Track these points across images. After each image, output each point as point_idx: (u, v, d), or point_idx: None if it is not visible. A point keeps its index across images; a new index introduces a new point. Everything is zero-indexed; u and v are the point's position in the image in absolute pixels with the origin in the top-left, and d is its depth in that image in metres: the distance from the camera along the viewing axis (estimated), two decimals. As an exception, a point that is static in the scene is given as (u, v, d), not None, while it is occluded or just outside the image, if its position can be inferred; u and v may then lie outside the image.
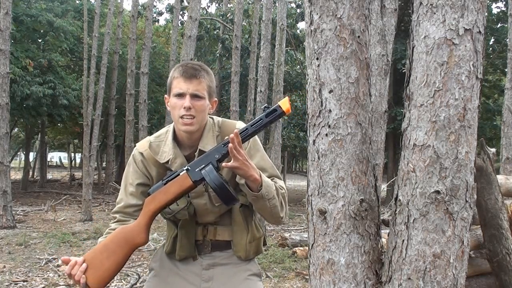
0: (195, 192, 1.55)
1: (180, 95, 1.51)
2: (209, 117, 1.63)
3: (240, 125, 1.62)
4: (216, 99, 1.63)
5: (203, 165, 1.43)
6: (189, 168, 1.45)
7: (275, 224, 1.63)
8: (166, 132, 1.64)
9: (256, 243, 1.65)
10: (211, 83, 1.57)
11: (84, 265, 1.41)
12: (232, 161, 1.38)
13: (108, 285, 1.48)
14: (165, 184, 1.47)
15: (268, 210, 1.49)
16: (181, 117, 1.50)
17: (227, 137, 1.40)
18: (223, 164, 1.41)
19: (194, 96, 1.50)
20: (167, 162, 1.57)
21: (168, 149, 1.58)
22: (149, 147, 1.61)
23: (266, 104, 1.45)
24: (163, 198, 1.46)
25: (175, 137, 1.60)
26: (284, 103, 1.41)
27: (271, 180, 1.55)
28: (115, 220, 1.59)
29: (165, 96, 1.61)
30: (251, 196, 1.46)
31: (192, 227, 1.62)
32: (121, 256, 1.45)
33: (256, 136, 1.56)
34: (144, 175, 1.61)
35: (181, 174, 1.46)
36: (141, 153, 1.61)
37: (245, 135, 1.44)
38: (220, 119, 1.67)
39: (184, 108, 1.49)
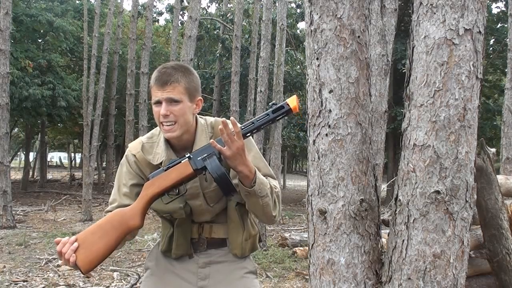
0: (190, 194, 1.55)
1: (157, 103, 1.49)
2: (200, 117, 1.62)
3: None
4: (200, 97, 1.58)
5: (206, 155, 1.43)
6: (191, 156, 1.45)
7: (268, 223, 1.62)
8: (159, 133, 1.62)
9: (252, 241, 1.66)
10: (190, 83, 1.52)
11: (76, 244, 1.38)
12: (225, 147, 1.38)
13: (97, 267, 1.44)
14: (165, 170, 1.46)
15: (260, 207, 1.49)
16: (162, 124, 1.50)
17: (232, 130, 1.39)
18: (211, 140, 1.40)
19: (170, 101, 1.48)
20: (160, 163, 1.56)
21: (161, 151, 1.57)
22: (141, 149, 1.60)
23: (274, 101, 1.44)
24: (162, 184, 1.44)
25: (167, 139, 1.58)
26: (292, 101, 1.41)
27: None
28: None
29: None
30: (244, 192, 1.46)
31: (188, 225, 1.62)
32: (113, 238, 1.42)
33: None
34: (138, 175, 1.60)
35: (182, 161, 1.45)
36: (134, 155, 1.60)
37: (251, 129, 1.43)
38: (212, 119, 1.65)
39: (162, 115, 1.48)
